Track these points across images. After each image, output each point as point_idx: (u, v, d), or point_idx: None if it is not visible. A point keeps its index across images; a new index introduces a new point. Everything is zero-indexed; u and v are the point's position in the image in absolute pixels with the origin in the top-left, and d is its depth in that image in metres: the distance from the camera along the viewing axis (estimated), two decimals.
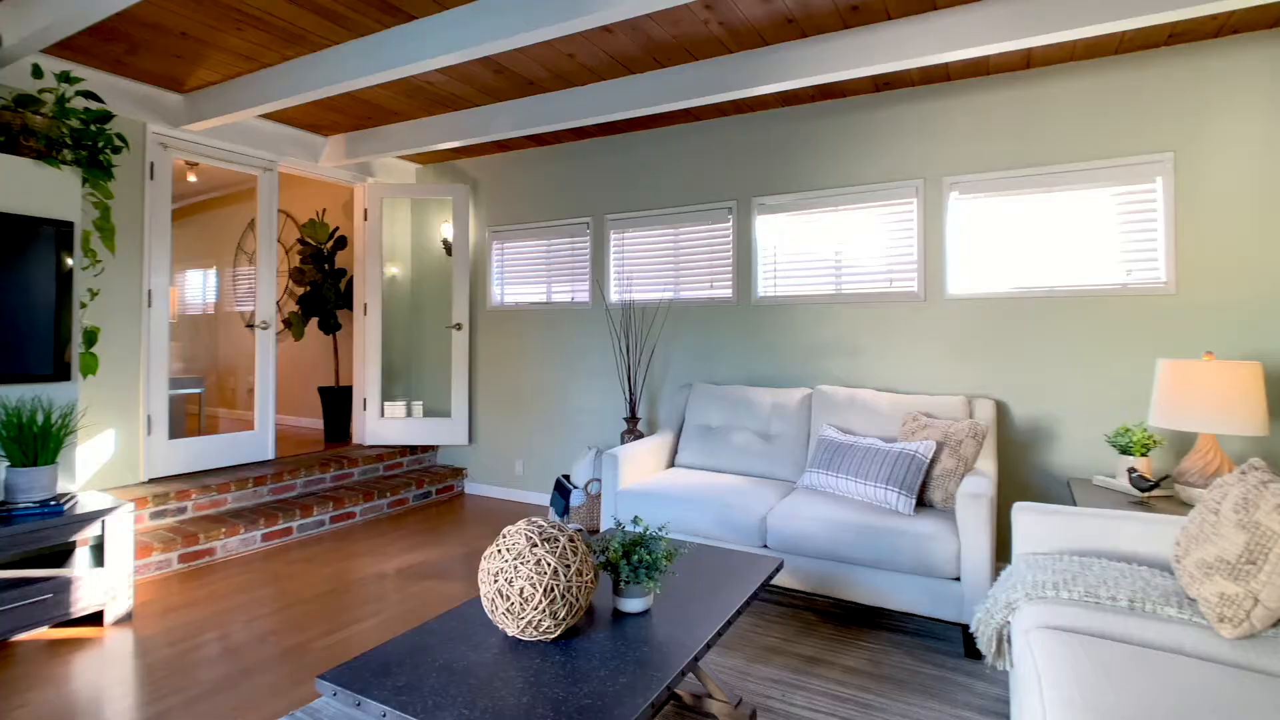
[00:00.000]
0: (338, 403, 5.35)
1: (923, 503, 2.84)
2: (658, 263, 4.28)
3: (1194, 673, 1.43)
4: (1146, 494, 2.48)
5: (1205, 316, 2.91)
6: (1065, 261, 3.19)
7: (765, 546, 2.85)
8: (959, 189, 3.39)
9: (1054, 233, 3.21)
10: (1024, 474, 3.24)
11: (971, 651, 2.48)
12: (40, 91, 3.08)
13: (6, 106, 3.00)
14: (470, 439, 5.05)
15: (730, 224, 4.01)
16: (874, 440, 2.99)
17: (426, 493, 4.73)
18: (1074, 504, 2.76)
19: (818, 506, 2.79)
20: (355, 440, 5.02)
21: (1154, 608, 1.68)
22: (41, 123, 3.04)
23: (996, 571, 3.24)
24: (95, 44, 3.18)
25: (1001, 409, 3.29)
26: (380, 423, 4.91)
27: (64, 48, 3.22)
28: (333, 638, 2.62)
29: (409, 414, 4.99)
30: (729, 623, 1.84)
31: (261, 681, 2.29)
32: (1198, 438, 2.51)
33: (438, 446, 5.18)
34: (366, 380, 4.92)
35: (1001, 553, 3.26)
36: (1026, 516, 2.16)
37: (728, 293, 4.03)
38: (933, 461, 2.84)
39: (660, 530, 1.98)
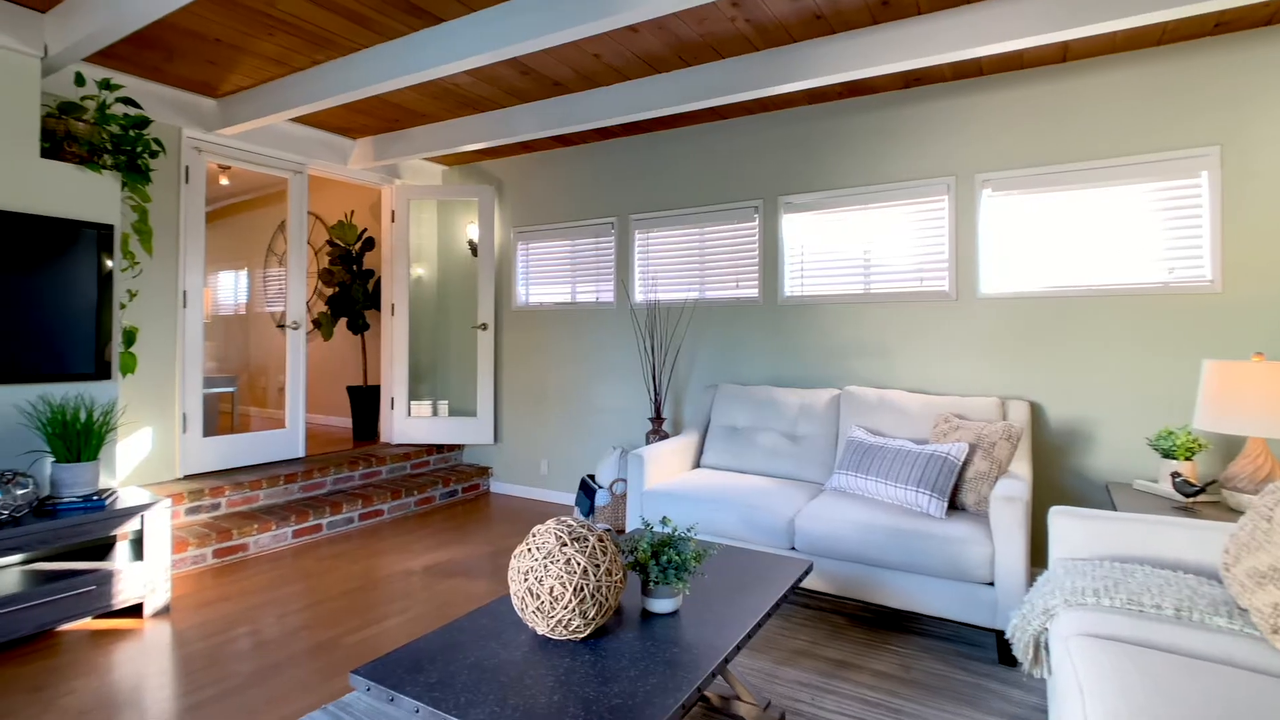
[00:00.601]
0: (366, 402, 5.43)
1: (954, 506, 2.79)
2: (683, 263, 4.26)
3: (1245, 685, 1.38)
4: (1191, 499, 2.41)
5: (1254, 316, 2.81)
6: (1103, 260, 3.10)
7: (793, 549, 2.82)
8: (992, 186, 3.32)
9: (1092, 230, 3.12)
10: (1059, 477, 3.16)
11: (1006, 658, 2.42)
12: (82, 99, 3.17)
13: (51, 114, 3.09)
14: (496, 438, 5.08)
15: (756, 223, 3.98)
16: (904, 442, 2.95)
17: (453, 491, 4.77)
18: (1113, 509, 2.68)
19: (847, 508, 2.76)
20: (383, 439, 5.09)
21: (1202, 617, 1.62)
22: (83, 129, 3.13)
23: (1032, 577, 3.17)
24: (134, 52, 3.25)
25: (1036, 411, 3.21)
26: (407, 422, 4.96)
27: (105, 56, 3.31)
28: (362, 634, 2.65)
29: (435, 413, 5.04)
30: (759, 624, 1.82)
31: (293, 675, 2.32)
32: (1246, 441, 2.43)
33: (463, 445, 5.22)
34: (394, 380, 4.98)
35: (1036, 558, 3.19)
36: (1064, 521, 2.11)
37: (754, 292, 4.00)
38: (965, 464, 2.78)
39: (689, 531, 1.97)
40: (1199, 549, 1.93)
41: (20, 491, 2.56)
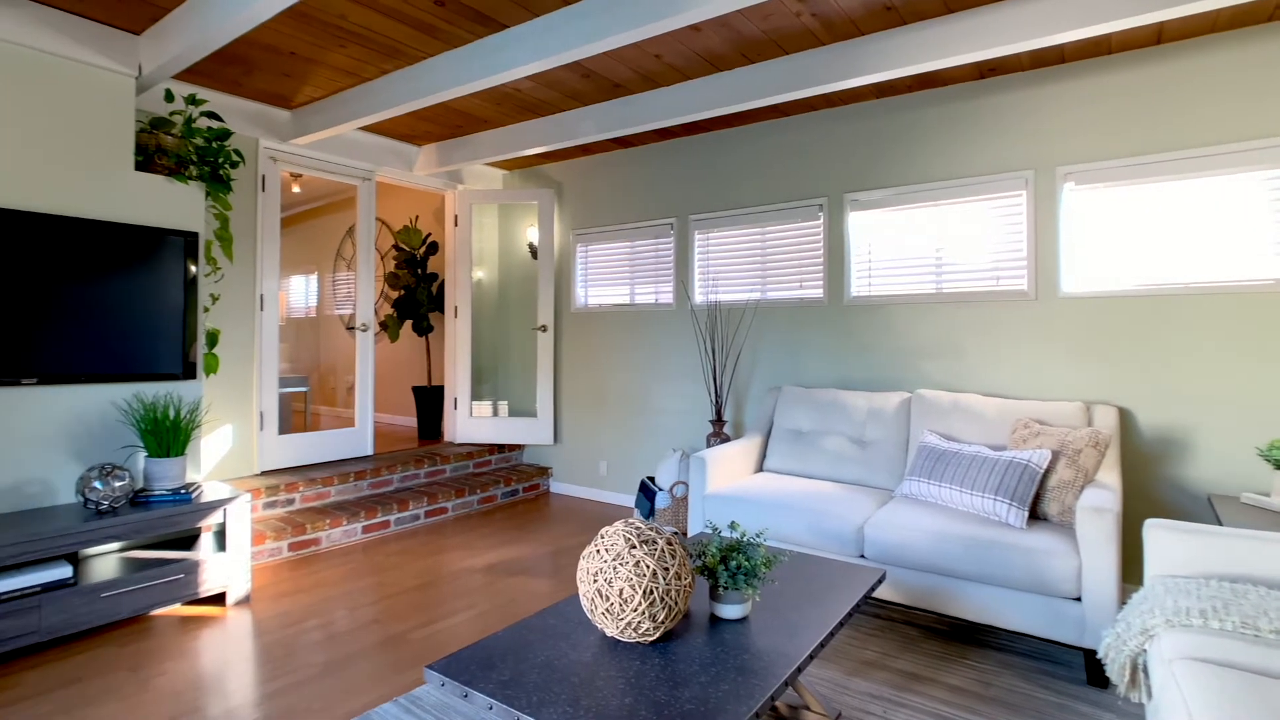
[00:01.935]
0: (430, 401, 5.57)
1: (1035, 515, 2.65)
2: (744, 263, 4.20)
3: None
4: None
5: None
6: (1204, 255, 2.89)
7: (862, 556, 2.73)
8: (1075, 179, 3.14)
9: (1190, 223, 2.92)
10: (1152, 488, 2.96)
11: (1095, 679, 2.28)
12: (171, 114, 3.35)
13: (144, 129, 3.28)
14: (555, 439, 5.13)
15: (821, 221, 3.89)
16: (980, 448, 2.82)
17: (514, 490, 4.84)
18: (1217, 523, 2.50)
19: (919, 516, 2.65)
20: (447, 438, 5.20)
21: None
22: (172, 142, 3.31)
23: (1124, 593, 2.98)
24: (217, 68, 3.42)
25: (1125, 417, 3.02)
26: (470, 422, 5.06)
27: (190, 72, 3.49)
28: (430, 629, 2.71)
29: (495, 413, 5.12)
30: (832, 633, 1.76)
31: (365, 668, 2.39)
32: None
33: (524, 446, 5.29)
34: (457, 380, 5.09)
35: (1126, 573, 2.99)
36: (1163, 535, 1.97)
37: (818, 292, 3.90)
38: (1047, 471, 2.64)
39: (758, 536, 1.92)
40: None
41: (118, 484, 2.72)
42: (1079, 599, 2.29)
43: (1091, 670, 2.28)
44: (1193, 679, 1.44)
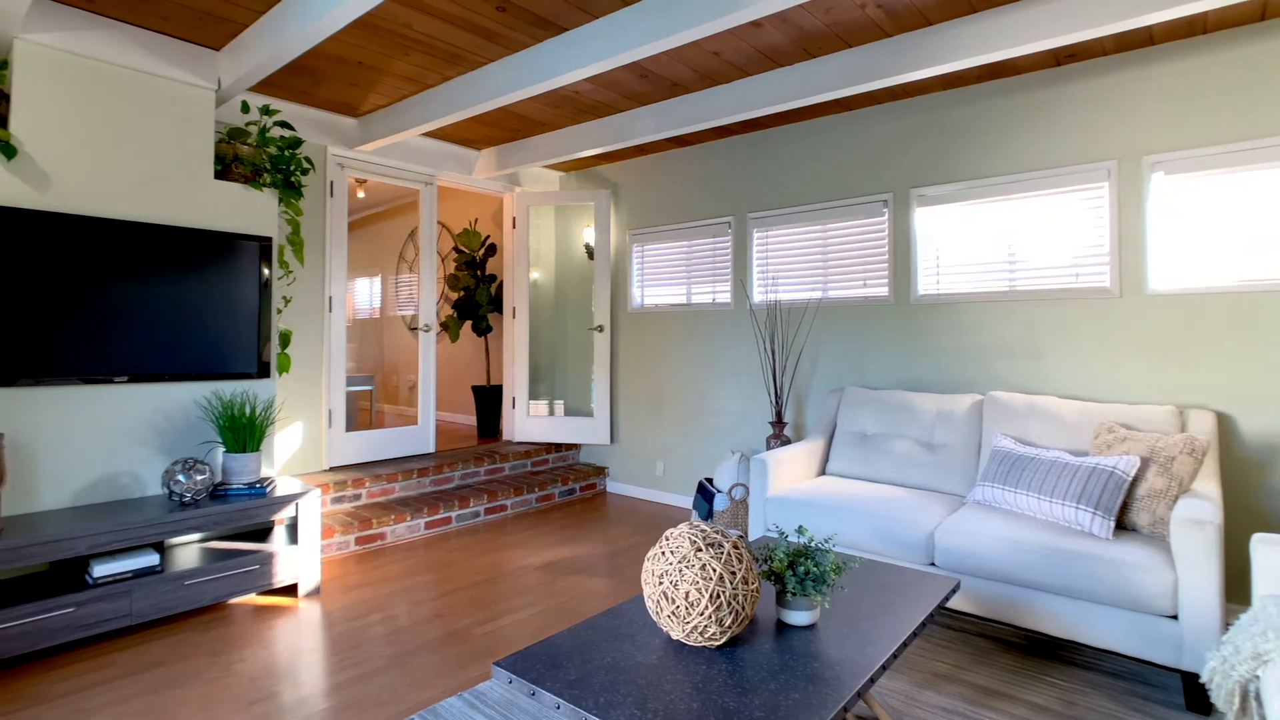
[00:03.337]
0: (489, 401, 5.67)
1: (1120, 526, 2.49)
2: (804, 261, 4.11)
3: None
4: None
5: None
6: None
7: (933, 564, 2.62)
8: (1164, 169, 2.95)
9: None
10: (1257, 500, 2.74)
11: (1196, 704, 2.12)
12: (246, 124, 3.50)
13: (222, 139, 3.44)
14: (612, 439, 5.14)
15: (886, 218, 3.77)
16: (1059, 453, 2.67)
17: (571, 489, 4.87)
18: None
19: (994, 524, 2.53)
20: (505, 436, 5.28)
21: None
22: (248, 152, 3.46)
23: (1228, 613, 2.77)
24: (288, 79, 3.56)
25: (1224, 422, 2.81)
26: (528, 421, 5.11)
27: (264, 84, 3.64)
28: (491, 625, 2.74)
29: (552, 413, 5.17)
30: (905, 644, 1.69)
31: (429, 662, 2.43)
32: None
33: (581, 445, 5.32)
34: (515, 380, 5.16)
35: (1228, 591, 2.78)
36: (1275, 551, 1.81)
37: (883, 291, 3.78)
38: (1135, 479, 2.47)
39: (827, 541, 1.87)
40: None
41: (200, 477, 2.85)
42: (1175, 617, 2.14)
43: (1191, 695, 2.12)
44: None
